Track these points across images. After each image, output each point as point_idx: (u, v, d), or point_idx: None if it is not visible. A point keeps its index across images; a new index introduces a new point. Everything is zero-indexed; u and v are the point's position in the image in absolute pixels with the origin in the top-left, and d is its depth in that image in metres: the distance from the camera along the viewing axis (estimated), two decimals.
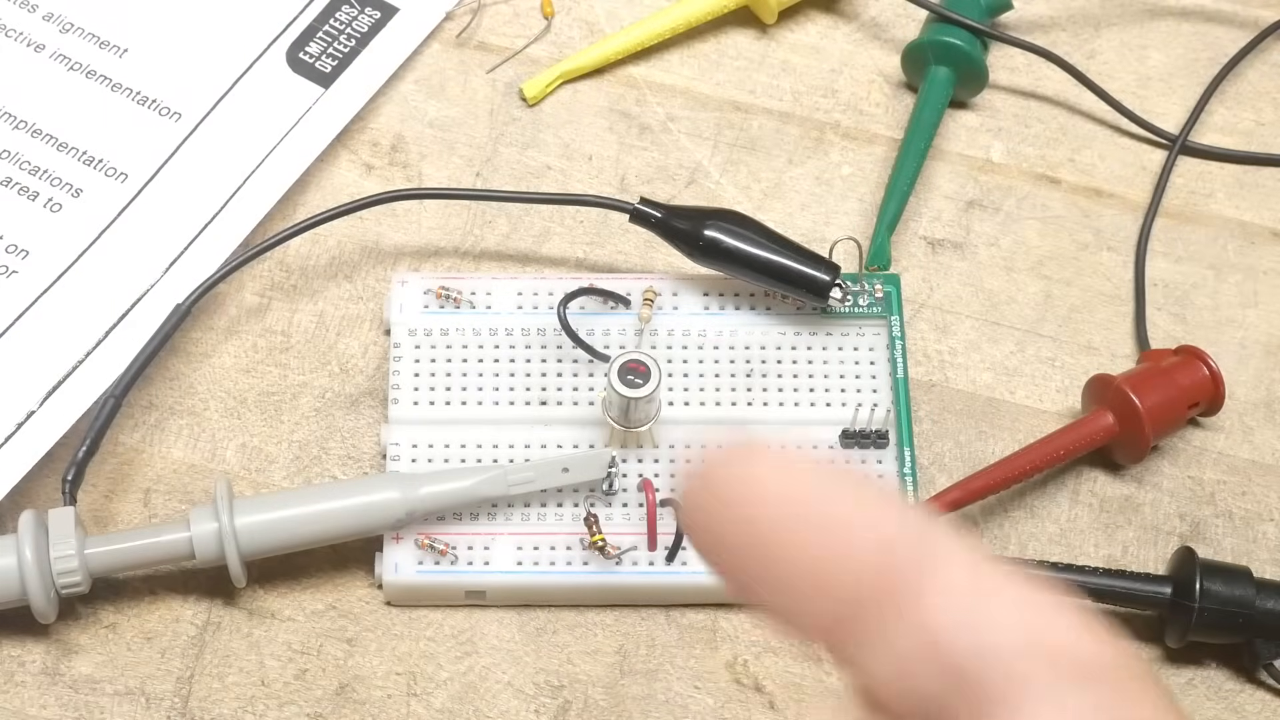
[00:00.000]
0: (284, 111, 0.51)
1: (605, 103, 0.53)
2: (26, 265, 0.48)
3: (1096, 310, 0.50)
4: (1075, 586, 0.44)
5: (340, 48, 0.53)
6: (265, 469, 0.46)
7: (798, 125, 0.53)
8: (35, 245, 0.48)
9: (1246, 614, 0.44)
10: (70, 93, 0.51)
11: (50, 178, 0.50)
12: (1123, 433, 0.46)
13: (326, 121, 0.51)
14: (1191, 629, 0.44)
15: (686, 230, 0.47)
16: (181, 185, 0.50)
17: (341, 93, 0.52)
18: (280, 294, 0.49)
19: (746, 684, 0.44)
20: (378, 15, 0.53)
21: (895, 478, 0.46)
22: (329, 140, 0.51)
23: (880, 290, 0.48)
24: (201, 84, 0.52)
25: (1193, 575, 0.44)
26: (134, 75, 0.52)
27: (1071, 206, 0.52)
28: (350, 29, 0.53)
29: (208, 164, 0.50)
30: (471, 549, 0.44)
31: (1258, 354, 0.50)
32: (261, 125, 0.51)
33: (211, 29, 0.53)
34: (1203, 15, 0.57)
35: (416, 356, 0.47)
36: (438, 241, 0.50)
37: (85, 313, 0.48)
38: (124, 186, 0.50)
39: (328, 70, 0.52)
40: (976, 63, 0.53)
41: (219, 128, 0.51)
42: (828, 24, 0.55)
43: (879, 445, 0.46)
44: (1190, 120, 0.54)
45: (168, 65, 0.52)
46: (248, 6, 0.54)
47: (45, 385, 0.47)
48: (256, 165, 0.50)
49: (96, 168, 0.50)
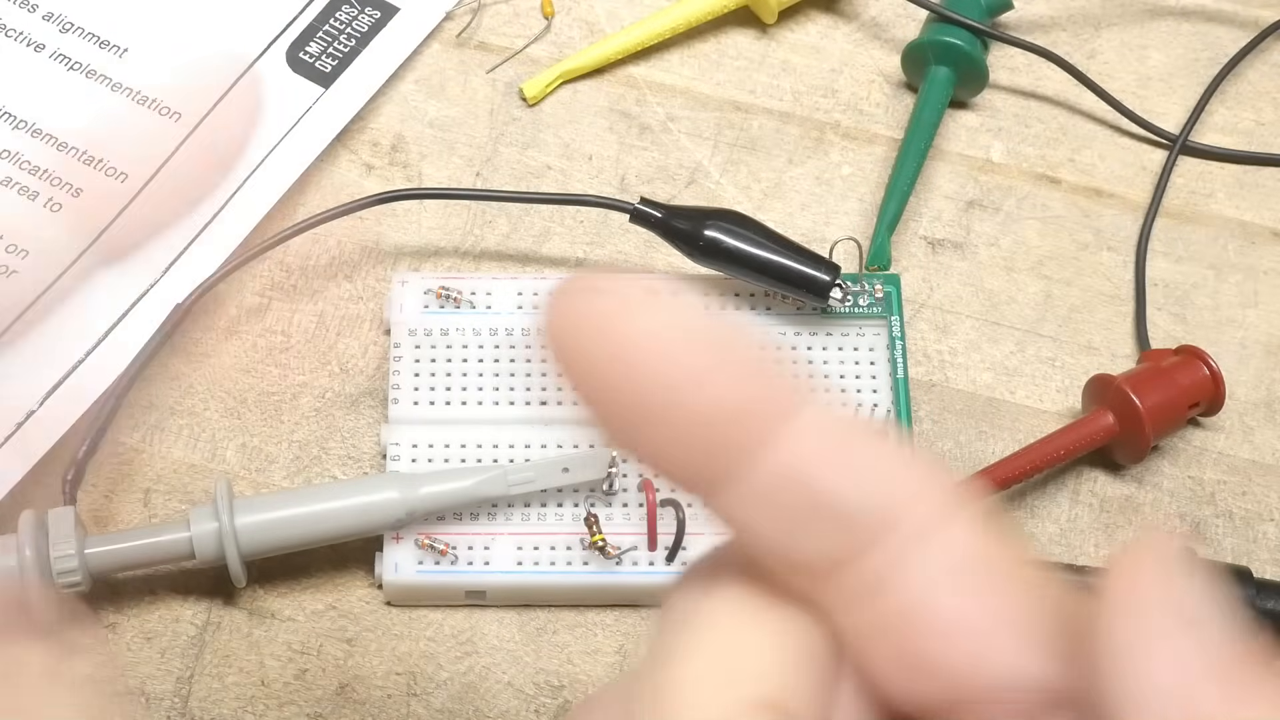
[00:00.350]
0: (284, 111, 0.52)
1: (605, 103, 0.53)
2: (27, 265, 0.48)
3: (1096, 310, 0.50)
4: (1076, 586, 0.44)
5: (340, 47, 0.53)
6: (265, 469, 0.46)
7: (798, 125, 0.53)
8: (35, 245, 0.48)
9: (1247, 614, 0.44)
10: (70, 92, 0.51)
11: (50, 178, 0.50)
12: (1123, 433, 0.46)
13: (326, 121, 0.51)
14: None
15: (686, 230, 0.47)
16: (181, 185, 0.50)
17: (341, 93, 0.52)
18: (280, 294, 0.49)
19: None
20: (378, 15, 0.53)
21: None
22: (329, 140, 0.51)
23: (880, 290, 0.48)
24: (201, 84, 0.52)
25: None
26: (134, 75, 0.52)
27: (1072, 206, 0.52)
28: (350, 29, 0.53)
29: (207, 164, 0.50)
30: (471, 549, 0.44)
31: (1258, 354, 0.50)
32: (261, 125, 0.51)
33: (211, 29, 0.53)
34: (1203, 15, 0.57)
35: (416, 356, 0.47)
36: (438, 241, 0.50)
37: (86, 313, 0.48)
38: (124, 186, 0.50)
39: (328, 70, 0.52)
40: (977, 63, 0.53)
41: (218, 128, 0.51)
42: (828, 24, 0.56)
43: None
44: (1190, 120, 0.54)
45: (168, 65, 0.52)
46: (248, 6, 0.54)
47: (45, 385, 0.47)
48: (256, 165, 0.50)
49: (97, 167, 0.50)
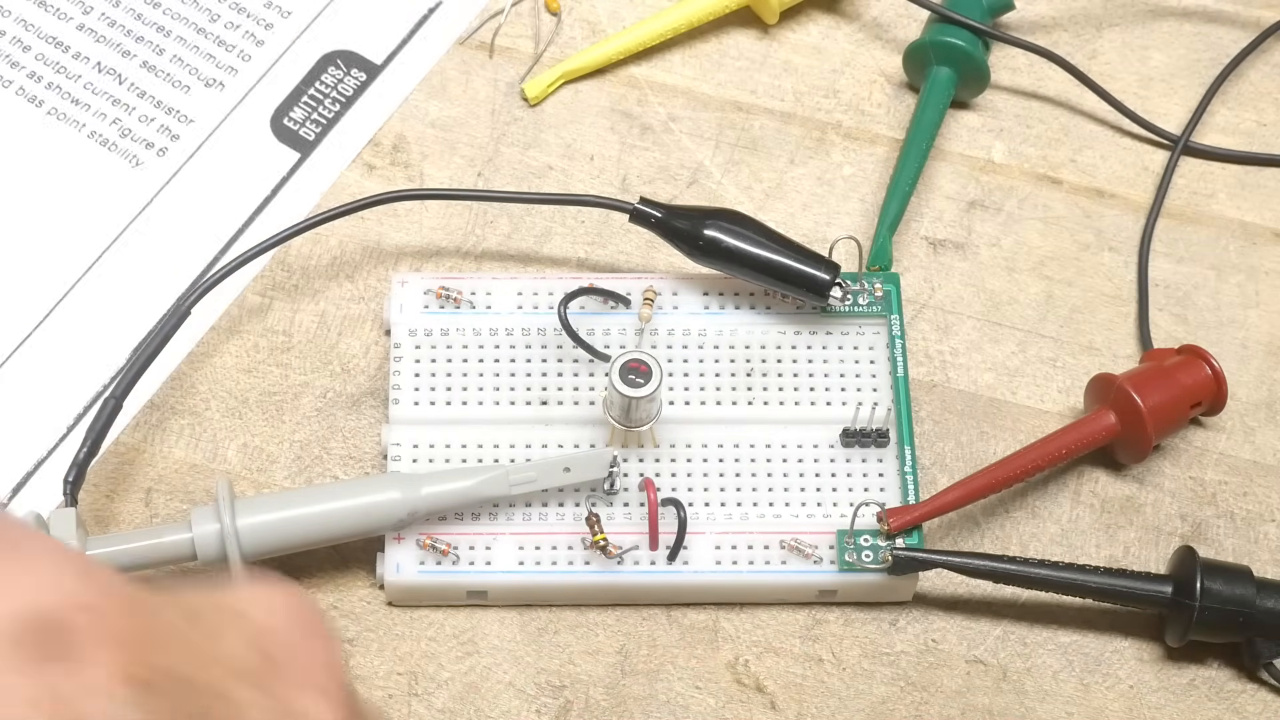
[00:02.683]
0: (265, 176, 0.51)
1: (607, 103, 0.53)
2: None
3: (1098, 311, 0.50)
4: (1077, 586, 0.44)
5: (324, 113, 0.52)
6: (267, 469, 0.46)
7: (799, 125, 0.53)
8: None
9: (1247, 613, 0.44)
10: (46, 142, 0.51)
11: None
12: (1125, 432, 0.46)
13: (307, 188, 0.51)
14: (1192, 628, 0.44)
15: (686, 230, 0.47)
16: (160, 242, 0.50)
17: (323, 157, 0.51)
18: (281, 294, 0.49)
19: (748, 684, 0.44)
20: (363, 78, 0.53)
21: (896, 476, 0.46)
22: (309, 208, 0.50)
23: (880, 289, 0.48)
24: (183, 144, 0.51)
25: (1193, 574, 0.44)
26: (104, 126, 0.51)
27: (1073, 207, 0.52)
28: (336, 92, 0.52)
29: (186, 219, 0.50)
30: (473, 549, 0.44)
31: (1259, 354, 0.50)
32: (242, 189, 0.51)
33: (196, 86, 0.52)
34: (1204, 16, 0.57)
35: (417, 357, 0.47)
36: (439, 241, 0.50)
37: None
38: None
39: (310, 138, 0.52)
40: (978, 63, 0.53)
41: (200, 186, 0.51)
42: (829, 24, 0.55)
43: (879, 444, 0.46)
44: (1192, 121, 0.54)
45: (151, 112, 0.52)
46: (231, 67, 0.53)
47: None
48: (237, 230, 0.50)
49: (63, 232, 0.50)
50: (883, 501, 0.45)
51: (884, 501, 0.45)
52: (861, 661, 0.45)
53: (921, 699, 0.44)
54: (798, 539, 0.44)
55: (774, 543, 0.44)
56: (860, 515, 0.44)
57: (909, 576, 0.44)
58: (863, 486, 0.45)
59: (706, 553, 0.44)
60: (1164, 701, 0.45)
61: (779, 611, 0.45)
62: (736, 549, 0.44)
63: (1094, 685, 0.45)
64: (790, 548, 0.44)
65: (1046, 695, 0.45)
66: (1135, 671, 0.45)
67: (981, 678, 0.45)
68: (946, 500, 0.45)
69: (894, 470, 0.46)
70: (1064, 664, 0.45)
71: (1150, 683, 0.45)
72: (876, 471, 0.46)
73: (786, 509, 0.45)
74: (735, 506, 0.45)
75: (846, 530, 0.44)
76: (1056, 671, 0.45)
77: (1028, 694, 0.45)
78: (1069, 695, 0.45)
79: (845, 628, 0.45)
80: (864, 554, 0.44)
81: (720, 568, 0.44)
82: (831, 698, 0.44)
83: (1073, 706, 0.44)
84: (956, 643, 0.45)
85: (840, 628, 0.45)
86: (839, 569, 0.44)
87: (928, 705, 0.44)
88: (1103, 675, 0.45)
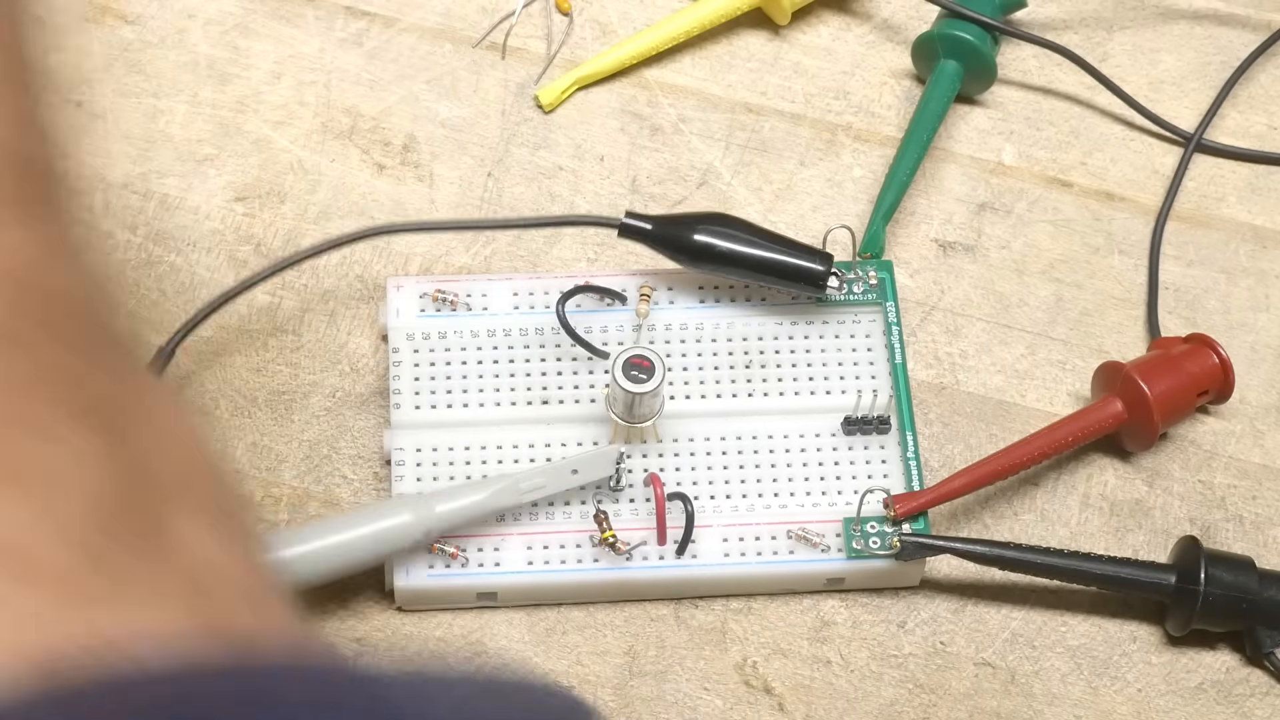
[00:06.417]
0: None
1: (617, 104, 0.53)
2: None
3: (1108, 313, 0.50)
4: (1082, 573, 0.44)
5: None
6: (275, 468, 0.46)
7: (809, 127, 0.53)
8: None
9: (1250, 600, 0.44)
10: None
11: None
12: (1131, 420, 0.46)
13: None
14: (1196, 615, 0.44)
15: (676, 238, 0.47)
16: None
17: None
18: (291, 293, 0.49)
19: (756, 686, 0.44)
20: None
21: (899, 463, 0.46)
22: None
23: (874, 277, 0.48)
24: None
25: (1197, 562, 0.44)
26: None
27: (1083, 209, 0.52)
28: None
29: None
30: (482, 551, 0.44)
31: (1269, 358, 0.50)
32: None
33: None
34: (1215, 18, 0.57)
35: (416, 361, 0.46)
36: (448, 240, 0.50)
37: None
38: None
39: None
40: (985, 57, 0.52)
41: None
42: (840, 25, 0.55)
43: (881, 431, 0.46)
44: (1204, 121, 0.54)
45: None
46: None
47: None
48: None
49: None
50: (887, 488, 0.45)
51: (888, 488, 0.45)
52: (870, 663, 0.45)
53: (930, 701, 0.44)
54: (804, 528, 0.44)
55: (781, 533, 0.44)
56: (866, 502, 0.44)
57: (916, 562, 0.44)
58: (866, 474, 0.46)
59: (714, 545, 0.44)
60: (1172, 705, 0.45)
61: (787, 613, 0.45)
62: (744, 541, 0.44)
63: (1102, 688, 0.45)
64: (797, 537, 0.44)
65: (1055, 698, 0.45)
66: (1143, 675, 0.45)
67: (990, 680, 0.45)
68: (953, 486, 0.45)
69: (896, 457, 0.46)
70: (1072, 667, 0.45)
71: (1159, 686, 0.45)
72: (879, 458, 0.46)
73: (792, 499, 0.45)
74: (740, 499, 0.45)
75: (853, 517, 0.44)
76: (1065, 674, 0.45)
77: (1036, 697, 0.44)
78: (1077, 698, 0.45)
79: (854, 629, 0.45)
80: (871, 540, 0.44)
81: (729, 560, 0.44)
82: (839, 699, 0.44)
83: (1081, 709, 0.44)
84: (965, 645, 0.45)
85: (849, 629, 0.45)
86: (847, 556, 0.44)
87: (936, 708, 0.44)
88: (1111, 678, 0.45)
